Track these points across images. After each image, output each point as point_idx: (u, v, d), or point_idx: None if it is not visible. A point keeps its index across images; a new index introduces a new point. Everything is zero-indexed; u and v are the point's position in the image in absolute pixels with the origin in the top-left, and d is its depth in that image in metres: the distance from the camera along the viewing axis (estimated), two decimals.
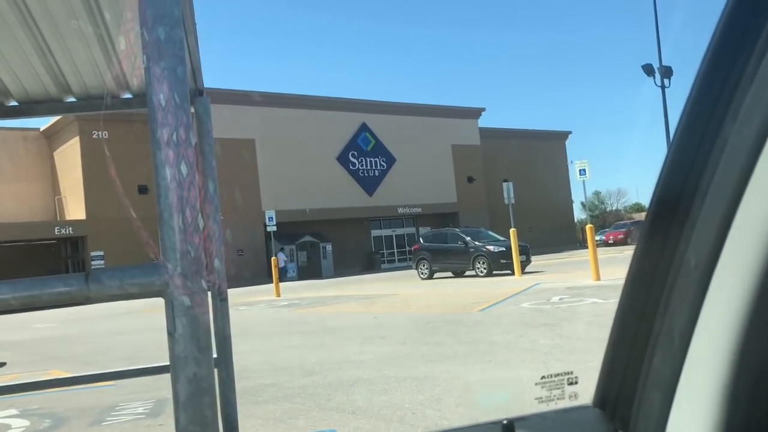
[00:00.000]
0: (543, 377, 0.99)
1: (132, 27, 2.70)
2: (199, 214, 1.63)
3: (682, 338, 0.82)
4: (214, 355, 2.85)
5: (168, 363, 2.65)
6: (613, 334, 0.94)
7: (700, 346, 0.80)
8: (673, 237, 0.84)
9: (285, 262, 40.47)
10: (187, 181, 1.54)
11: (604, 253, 27.45)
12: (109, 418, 6.20)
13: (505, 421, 0.89)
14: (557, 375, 1.00)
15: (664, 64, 27.80)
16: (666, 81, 27.74)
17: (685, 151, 0.83)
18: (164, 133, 1.56)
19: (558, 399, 0.98)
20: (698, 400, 0.81)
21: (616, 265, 21.26)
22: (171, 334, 1.52)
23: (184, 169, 1.55)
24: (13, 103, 3.40)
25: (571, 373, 1.00)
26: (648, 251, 0.88)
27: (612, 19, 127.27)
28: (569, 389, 0.99)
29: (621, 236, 47.09)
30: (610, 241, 46.07)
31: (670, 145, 0.86)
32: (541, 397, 0.98)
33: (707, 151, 0.79)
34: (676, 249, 0.83)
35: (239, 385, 2.57)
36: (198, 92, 3.22)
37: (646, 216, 0.88)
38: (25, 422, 6.33)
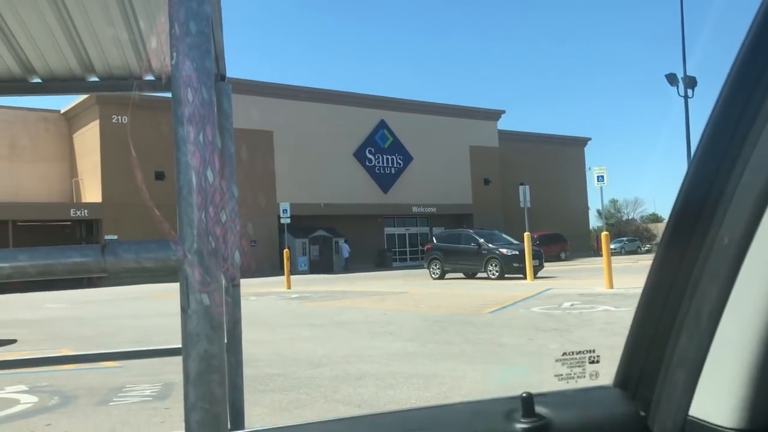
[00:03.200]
0: (564, 354, 0.97)
1: (158, 9, 2.70)
2: (215, 192, 1.63)
3: (710, 318, 0.81)
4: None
5: (177, 346, 2.66)
6: (638, 313, 0.92)
7: (729, 326, 0.79)
8: (705, 215, 0.83)
9: (349, 252, 40.89)
10: (207, 157, 1.54)
11: (617, 262, 27.30)
12: (116, 399, 6.23)
13: (524, 394, 0.88)
14: (578, 352, 0.98)
15: (689, 74, 27.55)
16: (689, 91, 27.49)
17: (722, 132, 0.82)
18: (185, 109, 1.56)
19: (578, 377, 0.97)
20: (725, 380, 0.79)
21: (630, 274, 21.13)
22: (184, 309, 1.52)
23: (203, 146, 1.55)
24: (37, 80, 3.41)
25: (593, 351, 0.99)
26: (679, 230, 0.87)
27: (636, 26, 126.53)
28: (590, 368, 0.98)
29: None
30: None
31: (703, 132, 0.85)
32: (561, 374, 0.97)
33: (750, 120, 0.78)
34: (709, 228, 0.82)
35: (247, 372, 2.57)
36: (220, 77, 3.22)
37: (679, 193, 0.87)
38: (34, 398, 6.38)
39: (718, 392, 0.80)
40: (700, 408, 0.82)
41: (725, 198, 0.80)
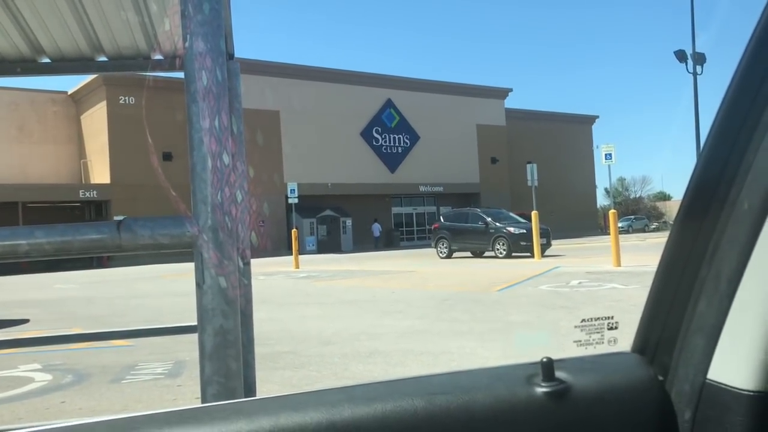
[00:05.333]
0: (583, 320, 0.99)
1: None
2: (230, 172, 1.65)
3: (729, 283, 0.82)
4: None
5: (191, 324, 2.69)
6: (656, 279, 0.94)
7: (748, 291, 0.81)
8: (725, 181, 0.84)
9: (380, 231, 41.33)
10: (222, 138, 1.55)
11: (625, 240, 27.28)
12: (129, 377, 6.31)
13: (544, 359, 0.90)
14: (597, 319, 1.00)
15: (705, 47, 27.25)
16: (699, 68, 27.24)
17: (742, 98, 0.83)
18: (199, 88, 1.57)
19: (597, 343, 0.99)
20: (743, 344, 0.81)
21: (638, 252, 21.11)
22: (199, 285, 1.55)
23: (217, 126, 1.57)
24: (46, 60, 3.42)
25: (612, 317, 1.01)
26: (699, 196, 0.88)
27: (647, 1, 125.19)
28: (609, 334, 1.00)
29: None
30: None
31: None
32: (579, 341, 0.99)
33: None
34: (728, 193, 0.83)
35: (257, 350, 2.59)
36: (228, 56, 3.22)
37: (699, 159, 0.89)
38: (48, 376, 6.46)
39: (736, 356, 0.82)
40: (719, 372, 0.84)
41: (745, 163, 0.81)
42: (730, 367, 0.83)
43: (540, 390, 0.89)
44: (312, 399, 0.89)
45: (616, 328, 1.01)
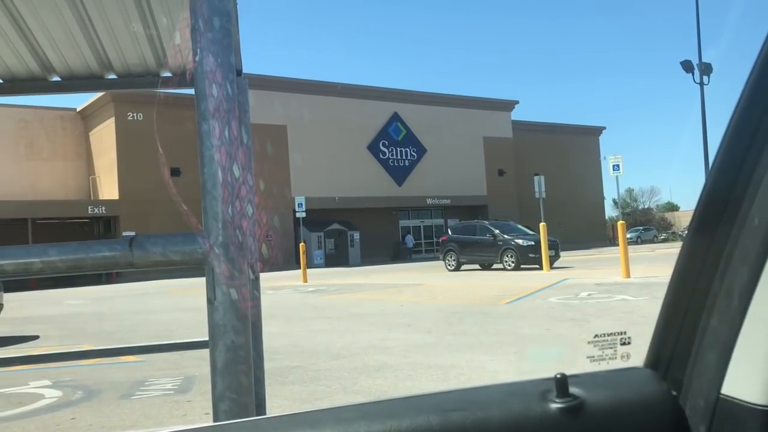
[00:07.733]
0: (596, 336, 0.99)
1: (175, 5, 2.72)
2: (241, 186, 1.66)
3: (741, 298, 0.82)
4: None
5: (201, 339, 2.68)
6: (668, 294, 0.94)
7: (760, 306, 0.81)
8: (735, 197, 0.84)
9: (412, 243, 42.18)
10: (232, 153, 1.56)
11: (634, 251, 27.18)
12: (138, 393, 6.31)
13: (558, 375, 0.90)
14: (610, 334, 1.00)
15: (713, 57, 27.24)
16: (705, 78, 27.21)
17: (751, 113, 0.83)
18: (210, 104, 1.58)
19: (610, 359, 0.99)
20: (757, 359, 0.81)
21: (647, 263, 21.02)
22: (210, 301, 1.55)
23: (228, 141, 1.58)
24: (56, 78, 3.44)
25: (624, 333, 1.01)
26: (709, 212, 0.88)
27: (653, 12, 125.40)
28: (621, 349, 1.00)
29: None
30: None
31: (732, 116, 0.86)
32: (592, 356, 0.99)
33: None
34: (739, 209, 0.83)
35: (266, 365, 2.60)
36: (237, 72, 3.24)
37: (709, 173, 0.89)
38: (58, 392, 6.47)
39: (750, 371, 0.82)
40: (732, 386, 0.84)
41: (755, 179, 0.81)
42: (744, 382, 0.83)
43: (554, 406, 0.89)
44: (328, 416, 0.89)
45: (628, 343, 1.00)
